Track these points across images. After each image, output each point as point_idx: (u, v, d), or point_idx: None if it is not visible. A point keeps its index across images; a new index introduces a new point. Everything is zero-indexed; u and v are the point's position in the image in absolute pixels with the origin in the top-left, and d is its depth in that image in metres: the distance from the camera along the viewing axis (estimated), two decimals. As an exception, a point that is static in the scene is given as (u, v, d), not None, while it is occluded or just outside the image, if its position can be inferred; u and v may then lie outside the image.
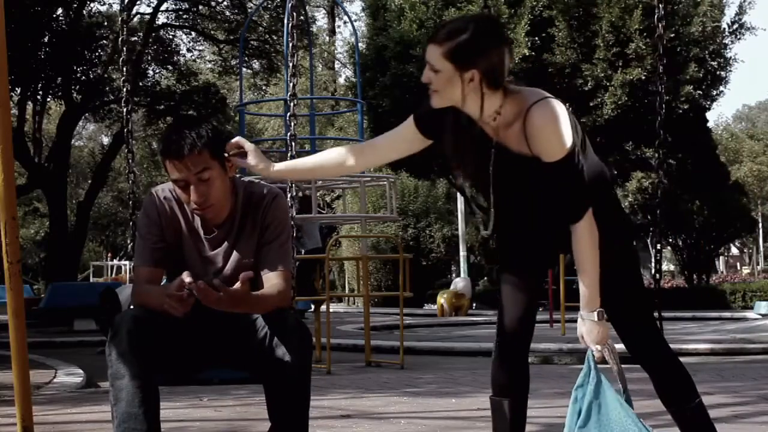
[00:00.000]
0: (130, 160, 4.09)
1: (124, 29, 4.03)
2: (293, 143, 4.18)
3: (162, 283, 3.06)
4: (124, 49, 3.99)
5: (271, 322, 2.89)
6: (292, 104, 4.11)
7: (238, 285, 2.77)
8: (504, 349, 2.92)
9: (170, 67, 27.61)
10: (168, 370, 3.00)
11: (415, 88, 20.92)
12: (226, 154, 2.95)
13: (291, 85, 4.10)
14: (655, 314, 3.15)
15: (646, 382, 3.01)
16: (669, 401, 2.93)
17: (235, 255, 3.06)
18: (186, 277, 2.74)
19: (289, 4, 8.62)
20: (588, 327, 2.77)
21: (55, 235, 24.75)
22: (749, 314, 19.61)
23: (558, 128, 2.64)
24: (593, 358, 2.77)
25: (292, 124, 4.09)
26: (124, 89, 3.94)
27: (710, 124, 27.60)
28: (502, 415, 2.93)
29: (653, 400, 2.91)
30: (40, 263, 42.96)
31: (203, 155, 2.92)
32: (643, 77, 19.97)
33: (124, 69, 3.93)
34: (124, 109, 4.01)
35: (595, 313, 2.75)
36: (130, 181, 3.98)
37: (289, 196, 3.91)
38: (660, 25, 4.49)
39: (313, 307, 10.86)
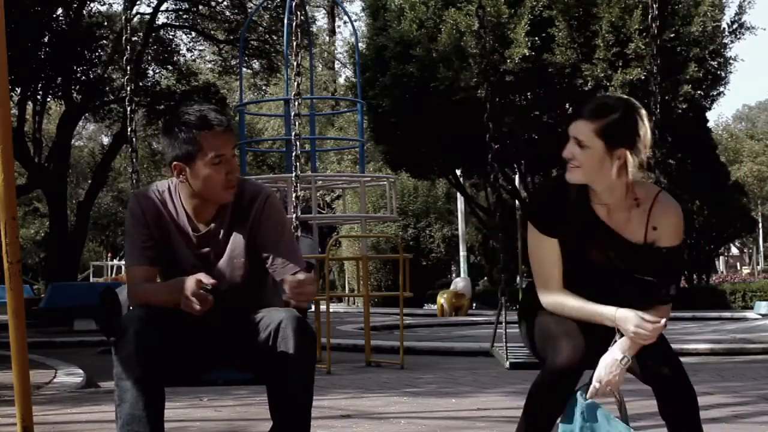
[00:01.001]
0: (134, 160, 4.06)
1: (128, 27, 4.00)
2: (297, 143, 4.16)
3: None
4: (128, 48, 3.96)
5: (275, 322, 2.87)
6: (296, 103, 4.08)
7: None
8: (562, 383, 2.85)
9: (170, 67, 27.63)
10: (173, 371, 2.98)
11: (415, 88, 20.95)
12: None
13: (295, 84, 4.07)
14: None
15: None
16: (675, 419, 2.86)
17: (228, 252, 3.04)
18: (204, 278, 2.78)
19: (292, 4, 8.63)
20: (611, 362, 2.77)
21: (55, 235, 24.76)
22: (749, 314, 19.61)
23: (682, 219, 2.89)
24: (584, 394, 2.77)
25: (296, 123, 4.06)
26: (128, 88, 3.92)
27: (710, 124, 27.59)
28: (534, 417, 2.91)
29: (652, 400, 2.89)
30: (40, 263, 42.97)
31: (233, 131, 3.01)
32: (643, 77, 19.96)
33: (128, 68, 3.90)
34: (128, 108, 3.98)
35: (626, 358, 2.78)
36: (134, 180, 3.96)
37: (293, 196, 3.89)
38: (654, 25, 4.50)
39: (312, 307, 10.85)
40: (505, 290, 3.39)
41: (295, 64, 4.15)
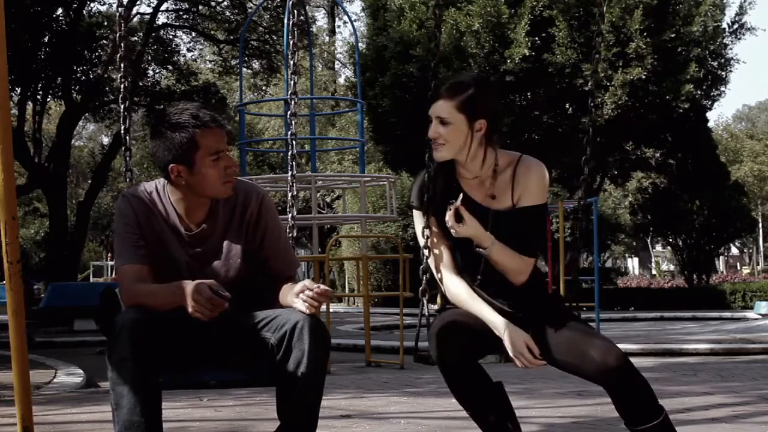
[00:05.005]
0: (128, 158, 4.05)
1: (122, 24, 3.98)
2: (294, 142, 4.16)
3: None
4: (122, 45, 3.94)
5: (290, 322, 2.83)
6: (292, 103, 4.08)
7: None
8: None
9: (170, 67, 27.63)
10: (171, 374, 2.94)
11: (415, 88, 20.96)
12: None
13: (291, 83, 4.07)
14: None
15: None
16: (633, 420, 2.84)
17: (224, 252, 3.02)
18: (214, 285, 2.74)
19: (290, 3, 8.63)
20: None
21: (55, 235, 24.76)
22: (749, 314, 19.61)
23: (547, 179, 3.01)
24: None
25: (293, 122, 4.06)
26: (122, 86, 3.90)
27: (710, 124, 27.59)
28: None
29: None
30: (40, 263, 42.98)
31: (225, 125, 3.00)
32: (643, 77, 19.97)
33: (121, 66, 3.88)
34: (122, 106, 3.96)
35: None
36: (127, 179, 3.95)
37: (289, 195, 3.89)
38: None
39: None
40: (427, 290, 3.44)
41: (291, 63, 4.14)
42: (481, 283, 3.02)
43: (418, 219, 3.15)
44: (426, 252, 3.16)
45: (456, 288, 3.04)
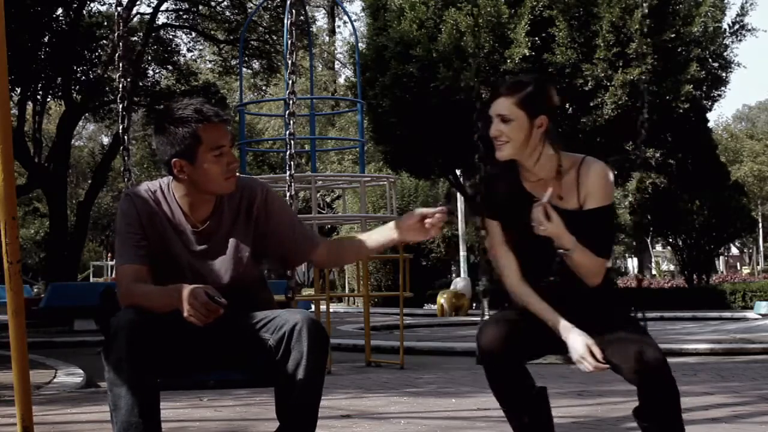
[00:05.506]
0: (126, 158, 4.05)
1: (121, 24, 3.98)
2: (292, 142, 4.16)
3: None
4: (120, 44, 3.93)
5: (289, 323, 2.83)
6: (290, 102, 4.07)
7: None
8: None
9: (170, 67, 27.64)
10: (168, 374, 2.94)
11: (415, 88, 20.94)
12: None
13: (290, 82, 4.06)
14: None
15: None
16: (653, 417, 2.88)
17: (232, 249, 3.00)
18: (211, 291, 2.72)
19: (289, 2, 8.63)
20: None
21: (55, 235, 24.76)
22: (749, 314, 19.61)
23: (611, 179, 3.00)
24: None
25: (291, 122, 4.05)
26: (120, 86, 3.90)
27: (710, 124, 27.59)
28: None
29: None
30: (40, 263, 42.98)
31: (228, 121, 2.98)
32: (644, 77, 19.96)
33: (120, 65, 3.88)
34: (120, 106, 3.96)
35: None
36: (126, 179, 3.94)
37: (288, 195, 3.88)
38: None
39: (313, 306, 10.86)
40: (488, 291, 3.44)
41: (289, 62, 4.13)
42: (555, 284, 2.98)
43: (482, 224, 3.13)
44: (485, 253, 3.15)
45: (521, 290, 3.00)
